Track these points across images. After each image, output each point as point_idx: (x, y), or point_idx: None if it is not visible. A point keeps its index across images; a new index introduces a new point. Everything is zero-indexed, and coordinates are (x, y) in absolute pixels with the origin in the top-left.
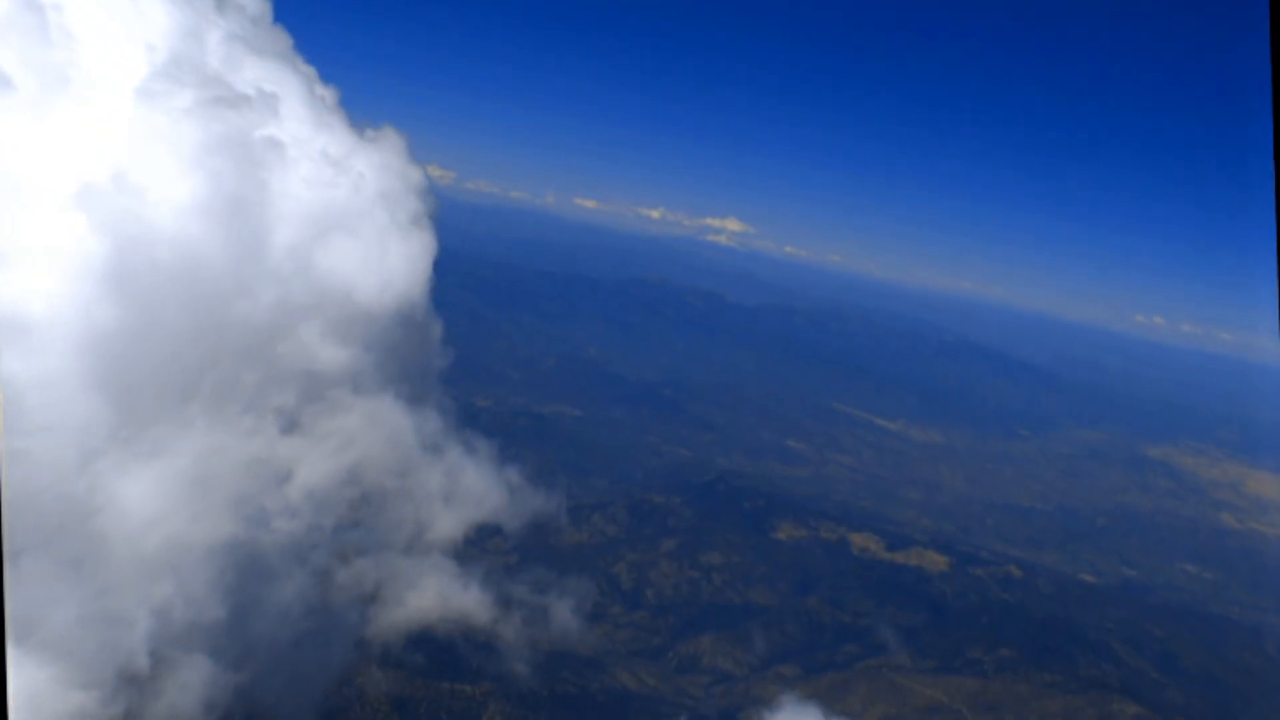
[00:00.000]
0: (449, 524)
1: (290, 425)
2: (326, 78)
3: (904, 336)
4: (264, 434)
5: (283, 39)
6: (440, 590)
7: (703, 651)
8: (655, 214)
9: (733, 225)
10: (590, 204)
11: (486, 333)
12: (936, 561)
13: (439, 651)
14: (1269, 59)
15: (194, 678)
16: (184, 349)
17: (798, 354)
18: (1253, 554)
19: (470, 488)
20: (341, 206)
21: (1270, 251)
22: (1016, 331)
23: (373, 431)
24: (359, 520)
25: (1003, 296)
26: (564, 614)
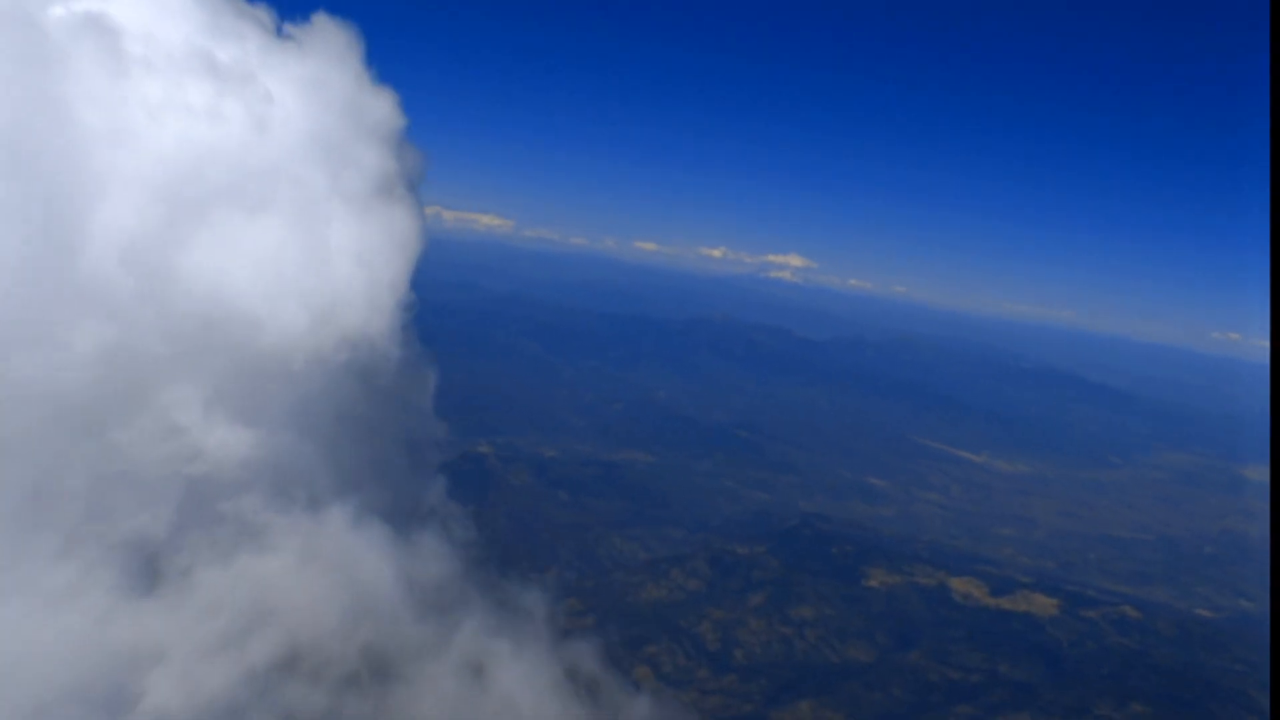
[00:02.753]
0: None
1: (147, 580)
2: None
3: (978, 365)
4: (91, 598)
5: None
6: None
7: (801, 719)
8: (717, 253)
9: (795, 261)
10: (650, 246)
11: (550, 380)
12: (1045, 605)
13: None
14: None
15: None
16: None
17: (872, 387)
18: None
19: (507, 692)
20: (233, 159)
21: None
22: (1091, 355)
23: (312, 583)
24: None
25: (1074, 320)
26: None
